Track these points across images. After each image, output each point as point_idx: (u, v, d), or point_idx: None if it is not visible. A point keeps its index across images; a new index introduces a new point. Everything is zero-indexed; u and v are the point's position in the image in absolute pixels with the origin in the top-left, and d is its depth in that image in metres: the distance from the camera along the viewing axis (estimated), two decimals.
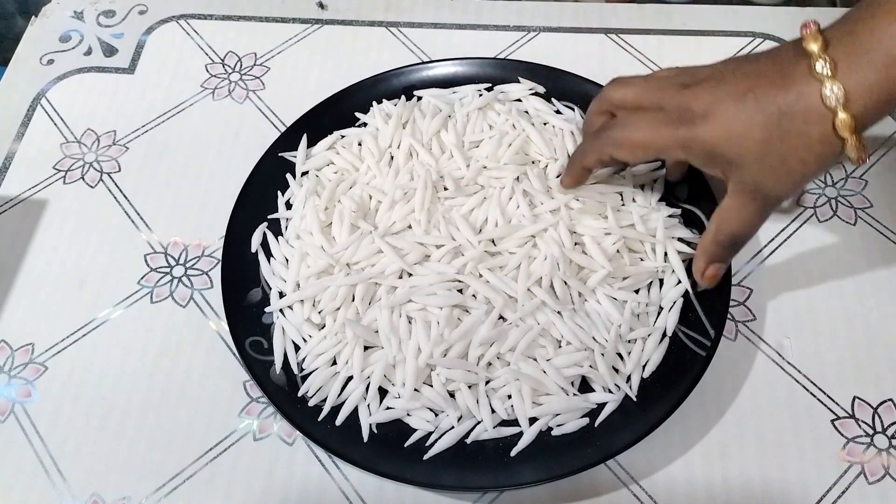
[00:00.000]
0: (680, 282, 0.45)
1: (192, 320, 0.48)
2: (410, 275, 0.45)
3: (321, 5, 0.58)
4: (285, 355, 0.44)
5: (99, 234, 0.52)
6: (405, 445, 0.42)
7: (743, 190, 0.39)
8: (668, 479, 0.42)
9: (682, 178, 0.48)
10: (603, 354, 0.42)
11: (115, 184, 0.54)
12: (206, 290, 0.49)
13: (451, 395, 0.42)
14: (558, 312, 0.43)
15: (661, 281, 0.46)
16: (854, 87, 0.35)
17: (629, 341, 0.44)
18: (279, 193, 0.51)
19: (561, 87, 0.53)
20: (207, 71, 0.60)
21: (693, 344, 0.43)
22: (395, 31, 0.61)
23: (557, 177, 0.48)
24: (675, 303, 0.45)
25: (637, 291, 0.45)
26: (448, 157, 0.49)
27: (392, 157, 0.51)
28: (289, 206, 0.50)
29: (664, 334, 0.44)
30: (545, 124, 0.52)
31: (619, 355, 0.43)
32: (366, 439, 0.42)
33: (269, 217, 0.50)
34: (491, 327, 0.42)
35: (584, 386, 0.43)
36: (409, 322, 0.44)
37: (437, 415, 0.42)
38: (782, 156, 0.37)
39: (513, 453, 0.41)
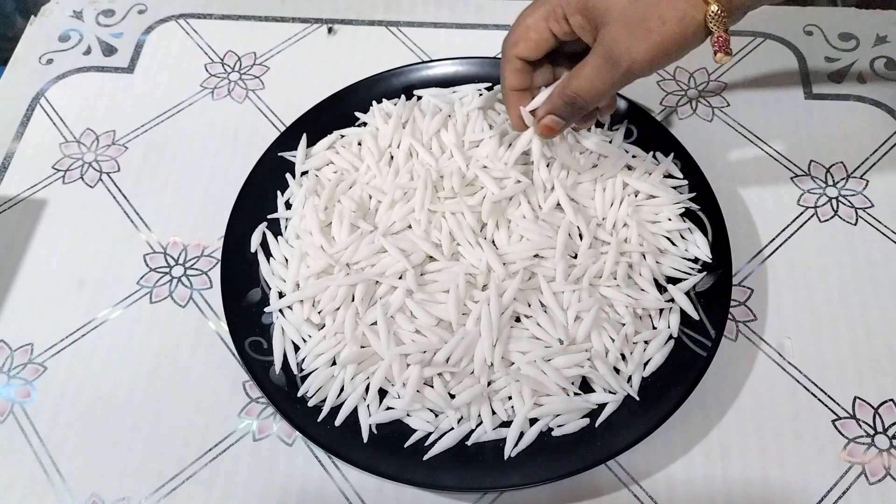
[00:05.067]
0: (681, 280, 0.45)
1: (191, 320, 0.48)
2: (422, 274, 0.45)
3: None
4: (285, 355, 0.44)
5: (98, 234, 0.52)
6: (405, 446, 0.42)
7: (601, 52, 0.39)
8: (668, 480, 0.42)
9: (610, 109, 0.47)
10: (606, 354, 0.43)
11: (115, 183, 0.54)
12: (206, 290, 0.49)
13: (452, 395, 0.42)
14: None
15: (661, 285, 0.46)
16: None
17: (633, 343, 0.44)
18: (279, 193, 0.50)
19: None
20: (207, 70, 0.60)
21: (694, 344, 0.43)
22: (395, 31, 0.61)
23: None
24: (675, 304, 0.45)
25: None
26: (448, 157, 0.49)
27: (392, 157, 0.51)
28: (288, 205, 0.50)
29: (668, 336, 0.44)
30: None
31: (622, 355, 0.43)
32: (365, 440, 0.42)
33: (269, 217, 0.50)
34: (498, 312, 0.42)
35: (585, 386, 0.43)
36: (412, 321, 0.44)
37: (437, 415, 0.42)
38: (644, 10, 0.37)
39: (513, 454, 0.41)
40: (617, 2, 0.38)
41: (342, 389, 0.43)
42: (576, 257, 0.45)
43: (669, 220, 0.47)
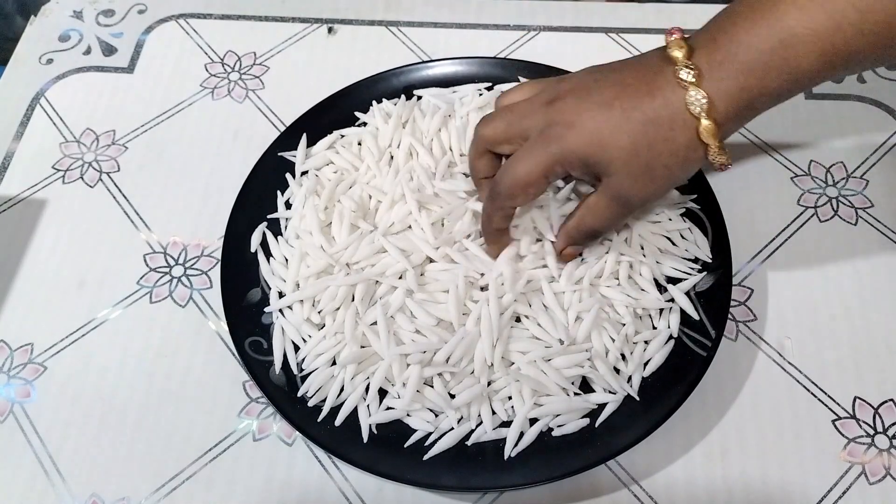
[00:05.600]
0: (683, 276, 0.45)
1: (191, 320, 0.48)
2: (422, 274, 0.45)
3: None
4: (285, 355, 0.44)
5: (98, 234, 0.52)
6: (405, 446, 0.42)
7: (609, 193, 0.39)
8: (668, 480, 0.42)
9: None
10: (606, 354, 0.43)
11: (115, 183, 0.54)
12: (206, 290, 0.49)
13: (452, 395, 0.42)
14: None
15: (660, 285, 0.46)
16: (716, 93, 0.36)
17: (633, 343, 0.44)
18: (279, 193, 0.50)
19: None
20: (207, 70, 0.60)
21: (694, 344, 0.43)
22: (394, 31, 0.61)
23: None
24: (675, 303, 0.45)
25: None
26: (447, 162, 0.49)
27: (392, 157, 0.51)
28: (288, 205, 0.50)
29: (668, 336, 0.44)
30: None
31: (622, 355, 0.43)
32: (365, 440, 0.42)
33: (269, 217, 0.50)
34: (497, 311, 0.42)
35: (585, 386, 0.43)
36: (412, 321, 0.44)
37: (437, 415, 0.42)
38: (648, 163, 0.37)
39: (513, 454, 0.41)
40: (615, 157, 0.37)
41: (342, 389, 0.43)
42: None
43: (670, 219, 0.47)
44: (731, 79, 0.35)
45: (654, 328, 0.45)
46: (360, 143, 0.52)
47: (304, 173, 0.51)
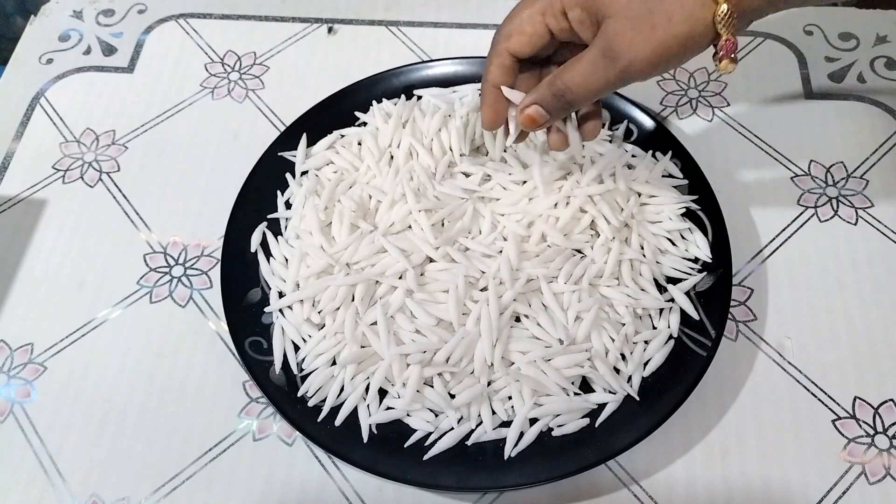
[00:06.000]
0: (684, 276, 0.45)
1: (191, 320, 0.48)
2: (422, 274, 0.45)
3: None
4: (285, 355, 0.44)
5: (98, 234, 0.52)
6: (405, 446, 0.42)
7: (600, 45, 0.37)
8: (668, 480, 0.42)
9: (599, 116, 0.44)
10: (606, 355, 0.43)
11: (115, 183, 0.54)
12: (206, 290, 0.49)
13: (452, 395, 0.42)
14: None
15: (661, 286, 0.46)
16: None
17: (633, 343, 0.44)
18: (279, 193, 0.50)
19: None
20: (207, 70, 0.60)
21: (694, 344, 0.43)
22: (395, 31, 0.61)
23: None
24: (675, 303, 0.45)
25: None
26: (447, 162, 0.49)
27: (392, 157, 0.51)
28: (288, 205, 0.50)
29: (668, 336, 0.44)
30: None
31: (622, 355, 0.43)
32: (365, 440, 0.42)
33: (269, 217, 0.50)
34: (497, 313, 0.42)
35: (585, 386, 0.43)
36: (412, 321, 0.44)
37: (437, 415, 0.42)
38: (650, 5, 0.35)
39: (513, 454, 0.41)
40: None
41: (342, 389, 0.43)
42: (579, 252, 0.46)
43: (670, 219, 0.47)
44: None
45: (654, 328, 0.45)
46: (360, 143, 0.52)
47: (304, 173, 0.51)
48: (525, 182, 0.48)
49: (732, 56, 0.36)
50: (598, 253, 0.45)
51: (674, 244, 0.47)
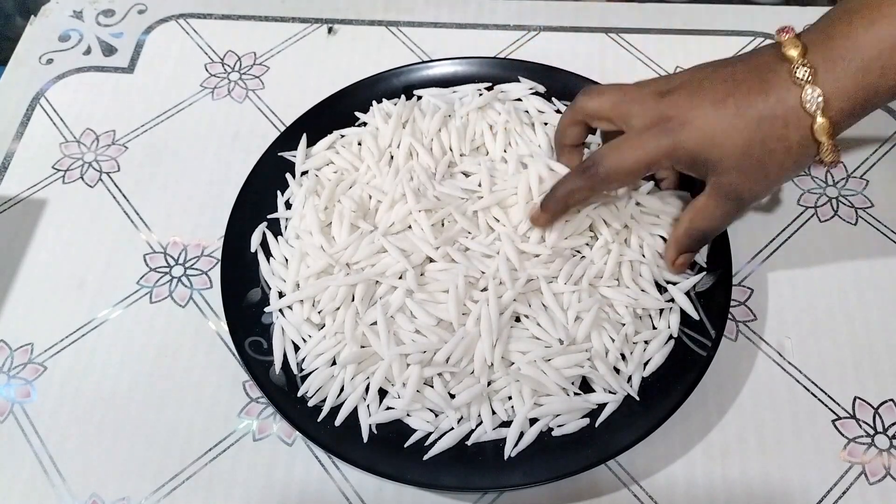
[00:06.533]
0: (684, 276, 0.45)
1: (191, 320, 0.48)
2: (422, 274, 0.45)
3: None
4: (285, 355, 0.44)
5: (98, 234, 0.52)
6: (405, 446, 0.42)
7: (720, 192, 0.40)
8: (668, 480, 0.42)
9: (674, 188, 0.48)
10: (606, 355, 0.43)
11: (115, 183, 0.54)
12: (206, 290, 0.49)
13: (452, 395, 0.42)
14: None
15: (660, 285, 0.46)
16: (832, 91, 0.36)
17: (633, 343, 0.44)
18: (279, 193, 0.50)
19: (561, 86, 0.53)
20: (207, 70, 0.60)
21: (694, 344, 0.43)
22: (394, 31, 0.61)
23: None
24: (675, 303, 0.45)
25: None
26: (447, 162, 0.49)
27: (392, 157, 0.51)
28: (288, 205, 0.50)
29: (668, 336, 0.44)
30: (545, 124, 0.51)
31: (622, 355, 0.43)
32: (365, 440, 0.42)
33: (269, 217, 0.50)
34: (497, 313, 0.42)
35: (585, 386, 0.43)
36: (412, 321, 0.43)
37: (437, 415, 0.42)
38: (761, 160, 0.38)
39: (513, 454, 0.41)
40: (728, 154, 0.38)
41: (342, 389, 0.43)
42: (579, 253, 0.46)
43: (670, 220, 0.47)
44: (849, 77, 0.36)
45: (654, 328, 0.45)
46: (360, 143, 0.52)
47: (304, 173, 0.51)
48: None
49: (837, 163, 0.38)
50: (598, 255, 0.45)
51: None
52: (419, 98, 0.54)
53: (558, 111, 0.52)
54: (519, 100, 0.53)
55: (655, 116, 0.39)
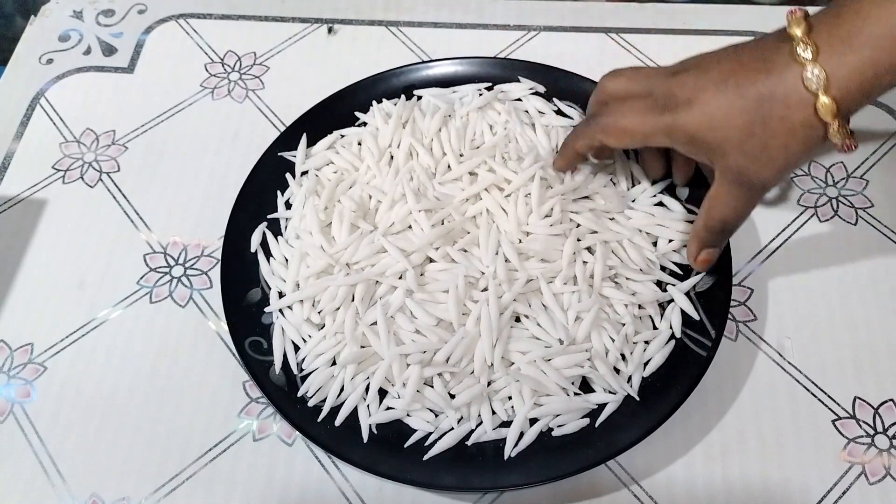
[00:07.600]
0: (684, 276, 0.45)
1: (191, 320, 0.48)
2: (422, 274, 0.45)
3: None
4: (285, 355, 0.44)
5: (98, 234, 0.52)
6: (405, 446, 0.42)
7: (728, 177, 0.39)
8: (668, 480, 0.42)
9: (687, 182, 0.48)
10: (606, 355, 0.43)
11: (115, 183, 0.54)
12: (206, 290, 0.49)
13: (452, 395, 0.42)
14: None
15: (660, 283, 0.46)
16: (836, 69, 0.35)
17: (633, 343, 0.44)
18: (279, 193, 0.50)
19: (561, 86, 0.53)
20: (207, 70, 0.60)
21: (694, 344, 0.43)
22: (395, 31, 0.61)
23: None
24: (675, 303, 0.45)
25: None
26: (446, 166, 0.49)
27: (392, 157, 0.51)
28: (288, 205, 0.50)
29: (668, 336, 0.44)
30: (545, 125, 0.51)
31: (622, 355, 0.43)
32: (365, 440, 0.42)
33: (269, 217, 0.50)
34: (497, 313, 0.42)
35: (585, 386, 0.43)
36: (412, 321, 0.43)
37: (437, 415, 0.42)
38: (764, 141, 0.37)
39: (513, 454, 0.41)
40: (729, 136, 0.37)
41: (342, 389, 0.43)
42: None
43: (671, 241, 0.47)
44: (855, 53, 0.34)
45: (655, 328, 0.45)
46: (360, 143, 0.52)
47: (304, 173, 0.51)
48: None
49: (853, 148, 0.37)
50: (595, 255, 0.45)
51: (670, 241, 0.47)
52: (419, 98, 0.54)
53: (558, 111, 0.52)
54: (519, 100, 0.53)
55: (662, 93, 0.40)
